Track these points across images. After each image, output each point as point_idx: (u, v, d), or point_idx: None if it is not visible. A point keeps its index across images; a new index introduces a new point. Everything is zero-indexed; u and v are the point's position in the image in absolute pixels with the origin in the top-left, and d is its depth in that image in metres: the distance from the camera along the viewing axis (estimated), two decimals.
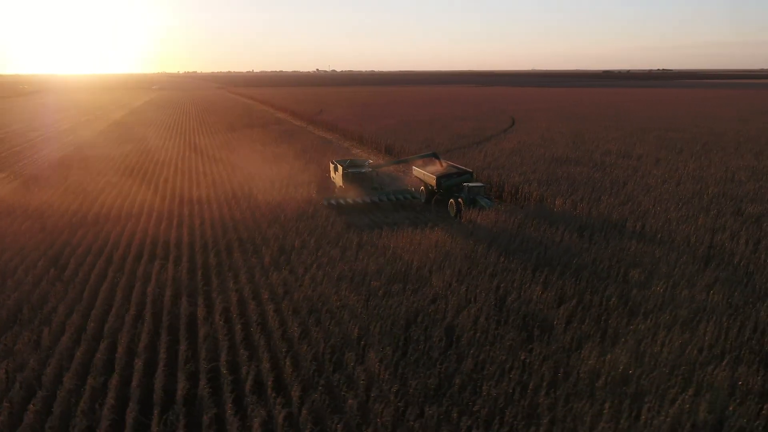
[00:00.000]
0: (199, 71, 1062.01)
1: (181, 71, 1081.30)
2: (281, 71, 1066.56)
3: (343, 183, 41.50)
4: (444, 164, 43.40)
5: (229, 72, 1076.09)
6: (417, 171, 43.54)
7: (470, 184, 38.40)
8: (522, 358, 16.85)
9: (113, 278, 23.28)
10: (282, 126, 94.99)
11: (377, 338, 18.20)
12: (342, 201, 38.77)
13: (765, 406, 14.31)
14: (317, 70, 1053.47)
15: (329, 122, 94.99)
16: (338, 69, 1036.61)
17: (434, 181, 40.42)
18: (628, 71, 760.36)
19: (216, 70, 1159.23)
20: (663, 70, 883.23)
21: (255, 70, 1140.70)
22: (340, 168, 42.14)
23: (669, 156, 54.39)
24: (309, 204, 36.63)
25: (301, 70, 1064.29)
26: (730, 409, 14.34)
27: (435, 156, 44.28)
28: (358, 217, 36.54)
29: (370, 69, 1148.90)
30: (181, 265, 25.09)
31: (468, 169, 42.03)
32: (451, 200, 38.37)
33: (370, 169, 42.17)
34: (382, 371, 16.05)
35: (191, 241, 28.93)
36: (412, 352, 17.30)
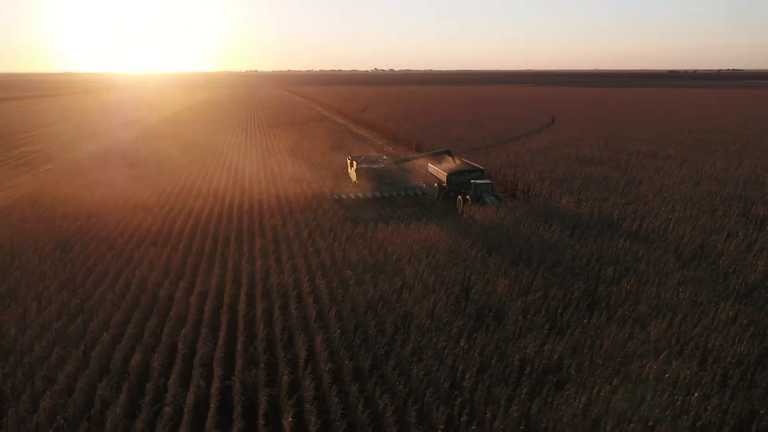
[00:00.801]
0: (260, 70, 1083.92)
1: (244, 70, 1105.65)
2: (340, 70, 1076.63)
3: (356, 178, 42.52)
4: (457, 161, 43.85)
5: (290, 71, 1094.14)
6: (431, 168, 44.14)
7: (477, 182, 38.75)
8: (462, 344, 17.43)
9: (109, 261, 24.94)
10: (321, 123, 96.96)
11: (333, 322, 19.10)
12: (352, 196, 39.75)
13: (680, 397, 14.51)
14: (375, 69, 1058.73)
15: (369, 120, 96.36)
16: (396, 68, 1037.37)
17: (445, 178, 41.03)
18: (695, 71, 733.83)
19: (277, 69, 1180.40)
20: (733, 70, 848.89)
21: (314, 69, 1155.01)
22: (354, 164, 43.18)
23: (699, 157, 53.16)
24: (316, 198, 37.74)
25: (360, 69, 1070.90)
26: (648, 399, 14.59)
27: (448, 153, 44.78)
28: (365, 211, 37.46)
29: (428, 68, 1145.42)
30: (177, 251, 26.58)
31: (479, 167, 42.37)
32: (459, 197, 38.96)
33: (383, 165, 42.99)
34: (323, 351, 16.94)
35: (194, 230, 30.43)
36: (360, 335, 18.11)
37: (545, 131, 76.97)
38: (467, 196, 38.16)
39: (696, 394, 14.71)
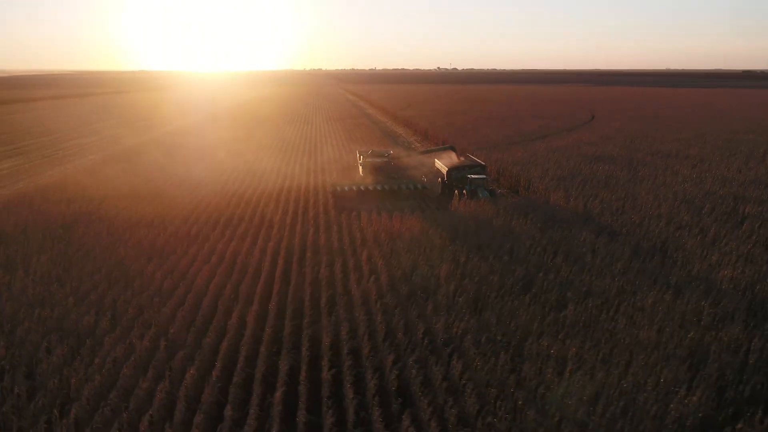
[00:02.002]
0: (324, 69, 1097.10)
1: (307, 68, 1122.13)
2: (402, 69, 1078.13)
3: (362, 172, 44.26)
4: (461, 157, 44.99)
5: (353, 69, 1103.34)
6: (437, 163, 45.42)
7: (473, 177, 39.83)
8: (378, 318, 18.96)
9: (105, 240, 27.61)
10: (362, 120, 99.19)
11: (269, 295, 20.95)
12: (354, 188, 41.46)
13: (570, 370, 15.61)
14: (438, 68, 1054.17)
15: (406, 118, 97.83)
16: (459, 67, 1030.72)
17: (445, 173, 42.27)
18: None
19: (340, 68, 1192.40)
20: None
21: (377, 68, 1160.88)
22: (361, 158, 44.96)
23: (719, 158, 52.35)
24: (316, 188, 39.69)
25: (422, 68, 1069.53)
26: (523, 370, 15.79)
27: (452, 149, 45.96)
28: (364, 203, 38.96)
29: (492, 67, 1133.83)
30: (168, 231, 29.02)
31: (481, 163, 43.39)
32: (456, 191, 40.18)
33: (386, 160, 44.54)
34: (251, 320, 18.81)
35: (194, 209, 32.88)
36: (282, 306, 19.93)
37: (577, 130, 76.65)
38: (464, 191, 39.32)
39: (569, 368, 15.79)
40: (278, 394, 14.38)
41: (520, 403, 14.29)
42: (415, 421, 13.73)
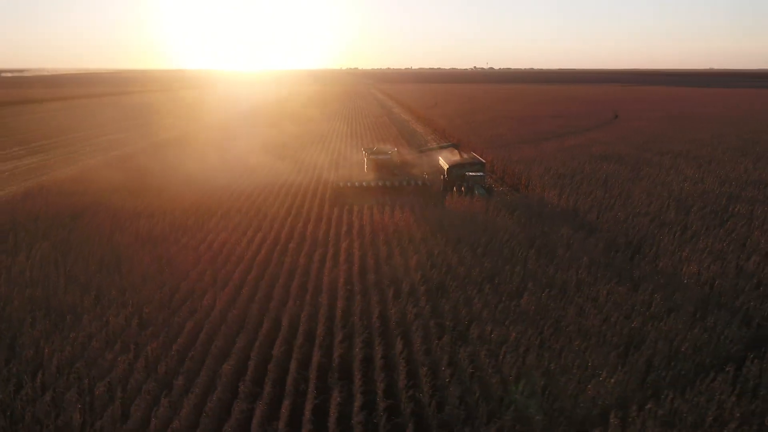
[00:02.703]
0: (360, 68, 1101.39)
1: (344, 67, 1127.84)
2: (438, 68, 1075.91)
3: (366, 168, 45.49)
4: (464, 155, 45.86)
5: (388, 68, 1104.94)
6: (441, 160, 46.39)
7: (471, 174, 40.72)
8: (340, 304, 20.17)
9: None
10: (383, 119, 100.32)
11: (245, 281, 22.34)
12: (356, 184, 42.65)
13: (504, 353, 16.60)
14: (474, 67, 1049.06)
15: (428, 117, 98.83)
16: (496, 66, 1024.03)
17: (446, 170, 43.23)
18: None
19: (376, 67, 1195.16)
20: None
21: (413, 67, 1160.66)
22: (365, 155, 46.19)
23: (729, 158, 52.04)
24: (319, 184, 41.05)
25: (458, 67, 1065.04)
26: (461, 351, 16.82)
27: (455, 147, 46.85)
28: (365, 198, 40.16)
29: (529, 66, 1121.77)
30: (166, 221, 30.70)
31: (481, 160, 44.21)
32: (455, 187, 41.11)
33: (390, 157, 45.64)
34: (220, 302, 20.21)
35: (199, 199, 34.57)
36: (253, 291, 21.28)
37: (595, 130, 76.56)
38: (461, 187, 40.24)
39: (504, 350, 16.76)
40: (227, 367, 15.68)
41: (447, 380, 15.32)
42: (346, 392, 14.89)
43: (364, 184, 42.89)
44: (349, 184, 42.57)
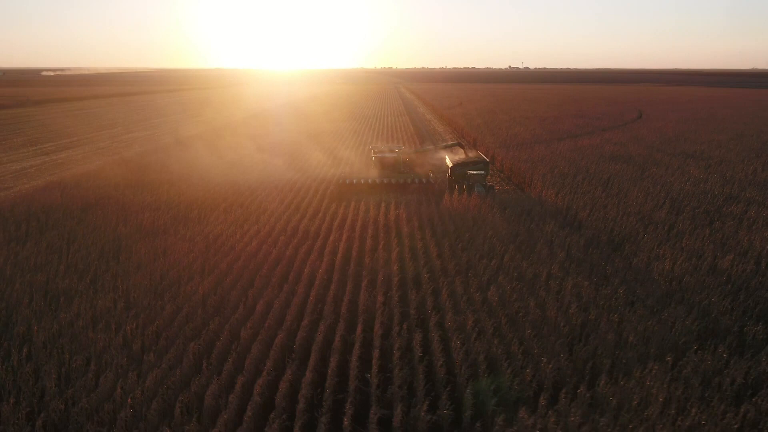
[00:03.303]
0: (393, 67, 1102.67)
1: (378, 67, 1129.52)
2: (473, 68, 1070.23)
3: (373, 166, 46.62)
4: (469, 153, 46.66)
5: (423, 68, 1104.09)
6: (447, 159, 47.29)
7: (471, 173, 41.56)
8: (314, 292, 21.37)
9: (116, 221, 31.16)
10: (404, 118, 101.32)
11: (226, 270, 23.70)
12: (362, 181, 43.81)
13: (453, 338, 17.61)
14: (509, 66, 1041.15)
15: (449, 116, 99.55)
16: (531, 66, 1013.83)
17: (449, 169, 44.14)
18: None
19: (410, 66, 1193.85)
20: None
21: (447, 67, 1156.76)
22: (373, 153, 47.33)
23: (741, 159, 51.88)
24: (324, 181, 42.33)
25: (493, 67, 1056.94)
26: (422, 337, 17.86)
27: (460, 146, 47.68)
28: (368, 195, 41.25)
29: (566, 66, 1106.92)
30: (170, 214, 32.32)
31: (486, 159, 44.97)
32: (456, 186, 42.01)
33: (396, 155, 46.65)
34: (202, 288, 21.57)
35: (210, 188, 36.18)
36: (235, 280, 22.60)
37: (613, 130, 76.36)
38: (464, 186, 41.13)
39: (454, 337, 17.74)
40: (194, 345, 16.98)
41: (396, 362, 16.37)
42: (300, 370, 16.08)
43: (369, 181, 44.03)
44: (354, 181, 43.76)
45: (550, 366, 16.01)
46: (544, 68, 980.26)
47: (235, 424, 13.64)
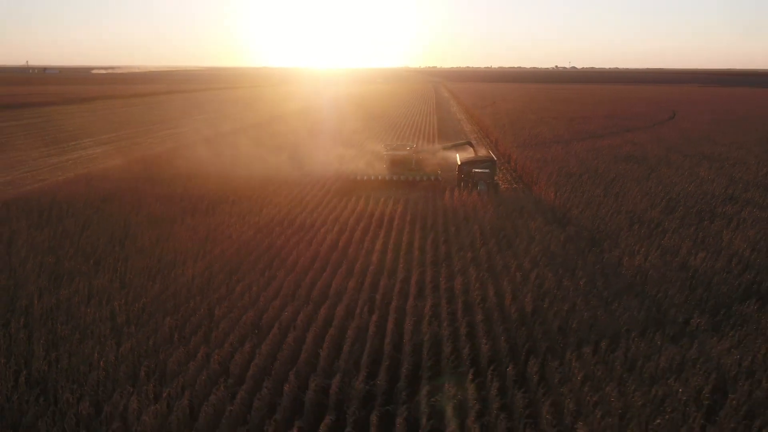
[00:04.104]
0: (438, 66, 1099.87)
1: (422, 66, 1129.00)
2: (519, 67, 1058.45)
3: (383, 163, 48.18)
4: (478, 152, 47.81)
5: (467, 67, 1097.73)
6: (457, 157, 48.50)
7: (476, 170, 42.73)
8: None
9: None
10: (431, 117, 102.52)
11: (217, 257, 25.60)
12: (372, 177, 45.40)
13: (408, 319, 19.09)
14: (556, 66, 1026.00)
15: (479, 116, 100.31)
16: (578, 65, 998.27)
17: (457, 167, 45.39)
18: None
19: (455, 66, 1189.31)
20: None
21: (493, 66, 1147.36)
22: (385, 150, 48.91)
23: (758, 161, 51.55)
24: (332, 178, 44.07)
25: (539, 67, 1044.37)
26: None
27: (470, 144, 48.82)
28: (376, 191, 42.67)
29: (614, 66, 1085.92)
30: (181, 205, 34.51)
31: (493, 158, 46.06)
32: (462, 183, 43.26)
33: (407, 153, 48.05)
34: (190, 271, 23.51)
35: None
36: (223, 265, 24.47)
37: (638, 131, 76.13)
38: (469, 183, 42.37)
39: (409, 318, 19.18)
40: (171, 320, 18.88)
41: (349, 339, 17.92)
42: (256, 345, 17.79)
43: (379, 177, 45.62)
44: (364, 177, 45.40)
45: (487, 346, 17.32)
46: (592, 68, 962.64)
47: (189, 387, 15.39)
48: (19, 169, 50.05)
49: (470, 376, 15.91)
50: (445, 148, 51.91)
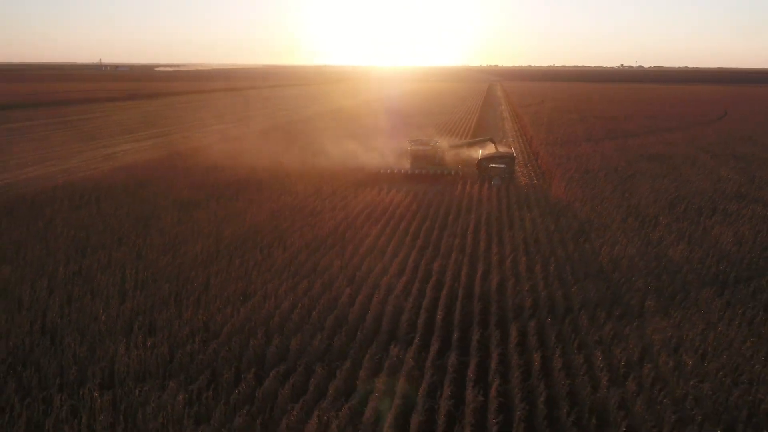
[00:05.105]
0: (499, 65, 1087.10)
1: (483, 65, 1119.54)
2: (583, 66, 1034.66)
3: (407, 157, 50.22)
4: (499, 148, 49.36)
5: (529, 66, 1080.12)
6: (480, 153, 50.15)
7: (492, 166, 44.35)
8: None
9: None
10: (472, 115, 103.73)
11: (224, 239, 28.30)
12: (395, 171, 47.49)
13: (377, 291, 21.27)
14: (621, 65, 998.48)
15: (522, 114, 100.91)
16: (645, 65, 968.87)
17: (477, 162, 47.08)
18: None
19: (516, 64, 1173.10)
20: None
21: (555, 65, 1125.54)
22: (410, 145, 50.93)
23: None
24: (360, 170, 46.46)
25: (604, 66, 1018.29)
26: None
27: (491, 141, 50.34)
28: (398, 184, 44.48)
29: (683, 65, 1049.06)
30: (211, 191, 37.54)
31: (512, 153, 47.57)
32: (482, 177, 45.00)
33: (430, 148, 49.89)
34: (197, 247, 26.27)
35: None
36: (226, 247, 27.14)
37: (676, 131, 75.54)
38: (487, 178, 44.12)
39: (380, 291, 21.32)
40: (167, 285, 21.59)
41: (319, 305, 20.20)
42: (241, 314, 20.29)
43: (402, 171, 47.69)
44: (388, 171, 47.54)
45: (441, 316, 19.31)
46: (660, 67, 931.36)
47: (172, 339, 17.97)
48: (76, 159, 54.49)
49: (416, 341, 17.88)
50: (467, 144, 53.53)
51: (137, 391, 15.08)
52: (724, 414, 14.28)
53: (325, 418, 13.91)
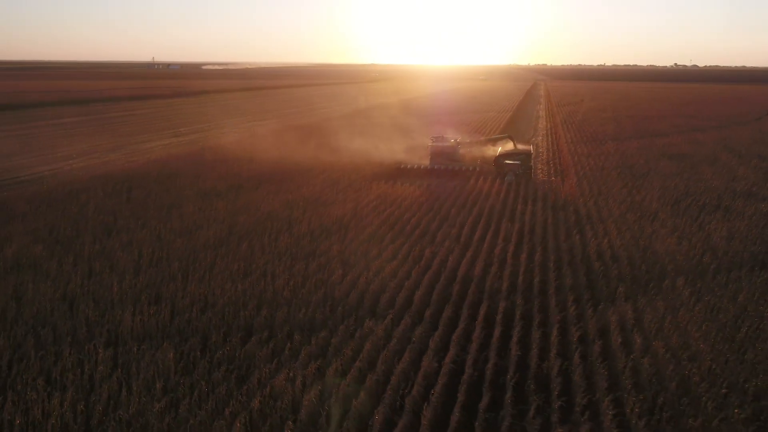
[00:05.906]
0: (548, 64, 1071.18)
1: (532, 64, 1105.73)
2: (634, 65, 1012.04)
3: (428, 153, 51.87)
4: (518, 146, 50.57)
5: (579, 65, 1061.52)
6: (499, 149, 51.43)
7: (507, 162, 45.63)
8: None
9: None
10: (506, 114, 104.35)
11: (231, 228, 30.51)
12: (415, 166, 49.18)
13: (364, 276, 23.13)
14: (675, 64, 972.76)
15: (557, 113, 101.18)
16: (700, 64, 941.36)
17: (494, 159, 48.38)
18: None
19: (565, 63, 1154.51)
20: None
21: (606, 64, 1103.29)
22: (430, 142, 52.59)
23: None
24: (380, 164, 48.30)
25: (657, 65, 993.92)
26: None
27: (510, 138, 51.54)
28: (416, 178, 46.02)
29: (741, 64, 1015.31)
30: (232, 182, 39.97)
31: (529, 151, 48.76)
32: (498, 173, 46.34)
33: (450, 145, 51.41)
34: (208, 232, 28.55)
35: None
36: (241, 230, 29.32)
37: (708, 130, 74.99)
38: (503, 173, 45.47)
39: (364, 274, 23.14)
40: (177, 264, 23.88)
41: (307, 284, 22.15)
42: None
43: (422, 167, 49.34)
44: (408, 166, 49.26)
45: (419, 294, 21.03)
46: (716, 66, 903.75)
47: (173, 306, 20.18)
48: (117, 152, 58.00)
49: (390, 315, 19.64)
50: (487, 141, 54.80)
51: (135, 349, 17.25)
52: (655, 384, 15.56)
53: (292, 374, 15.79)
